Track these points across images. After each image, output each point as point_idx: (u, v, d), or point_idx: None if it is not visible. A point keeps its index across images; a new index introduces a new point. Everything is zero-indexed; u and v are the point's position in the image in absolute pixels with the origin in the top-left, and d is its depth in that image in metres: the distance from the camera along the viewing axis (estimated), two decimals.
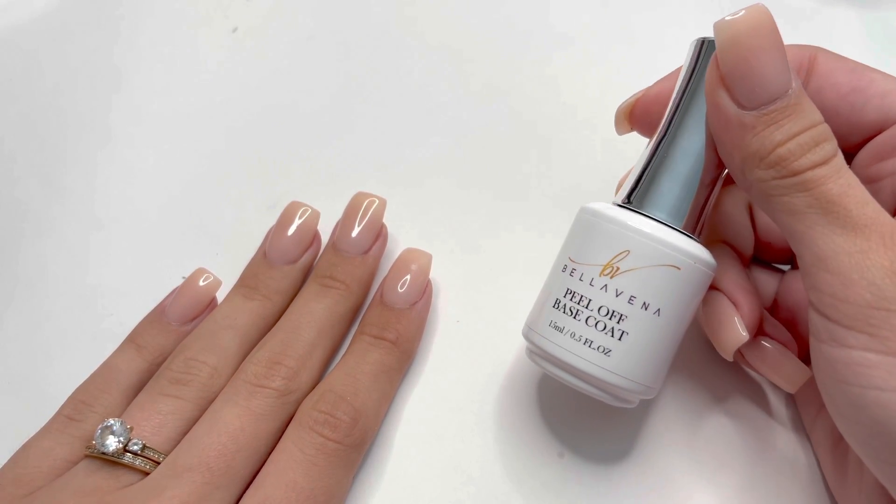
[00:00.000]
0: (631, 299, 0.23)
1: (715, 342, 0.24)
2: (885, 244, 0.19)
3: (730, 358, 0.24)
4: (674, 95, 0.24)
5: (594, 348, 0.23)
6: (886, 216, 0.20)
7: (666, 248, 0.22)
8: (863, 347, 0.19)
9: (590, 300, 0.23)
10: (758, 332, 0.25)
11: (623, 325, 0.23)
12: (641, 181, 0.24)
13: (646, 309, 0.23)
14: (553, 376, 0.25)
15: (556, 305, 0.23)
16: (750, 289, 0.24)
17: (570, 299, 0.23)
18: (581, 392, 0.25)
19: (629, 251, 0.22)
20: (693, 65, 0.23)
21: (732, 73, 0.20)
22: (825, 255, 0.19)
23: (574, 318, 0.23)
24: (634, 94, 0.26)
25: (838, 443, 0.25)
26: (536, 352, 0.25)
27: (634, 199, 0.24)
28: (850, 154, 0.25)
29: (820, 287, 0.20)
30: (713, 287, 0.24)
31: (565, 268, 0.24)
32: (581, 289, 0.23)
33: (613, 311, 0.23)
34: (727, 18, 0.20)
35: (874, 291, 0.19)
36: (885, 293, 0.18)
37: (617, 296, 0.23)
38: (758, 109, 0.20)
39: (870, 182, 0.24)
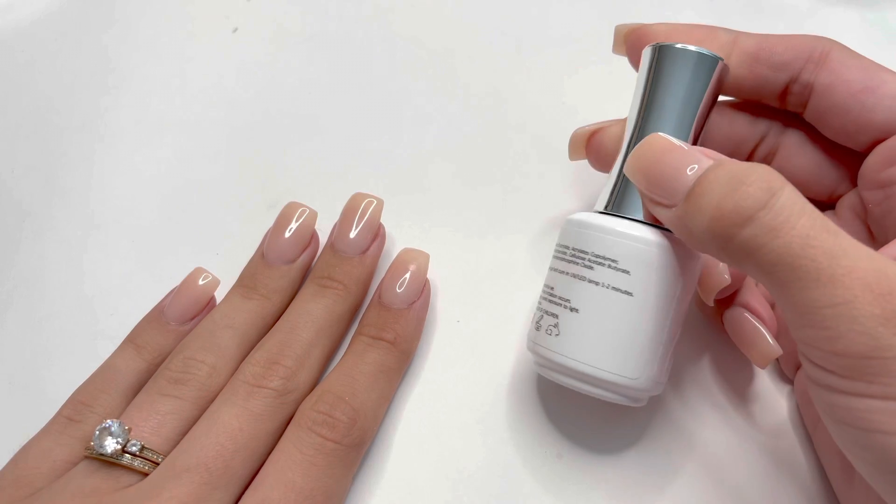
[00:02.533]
0: None
1: (751, 355, 0.26)
2: (873, 291, 0.18)
3: (764, 367, 0.26)
4: (633, 103, 0.25)
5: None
6: (865, 261, 0.18)
7: None
8: (862, 394, 0.18)
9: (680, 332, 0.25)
10: (741, 302, 0.26)
11: None
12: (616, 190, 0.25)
13: None
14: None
15: (665, 355, 0.24)
16: (763, 299, 0.26)
17: (673, 339, 0.24)
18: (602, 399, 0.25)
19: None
20: (648, 69, 0.24)
21: (650, 189, 0.22)
22: (805, 310, 0.18)
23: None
24: (592, 125, 0.27)
25: None
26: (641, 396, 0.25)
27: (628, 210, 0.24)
28: (861, 155, 0.25)
29: (808, 342, 0.19)
30: (740, 304, 0.26)
31: (668, 313, 0.24)
32: (680, 325, 0.24)
33: None
34: (629, 157, 0.22)
35: (867, 341, 0.18)
36: (880, 342, 0.17)
37: None
38: (680, 200, 0.21)
39: (881, 187, 0.23)
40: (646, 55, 0.24)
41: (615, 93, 0.30)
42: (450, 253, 0.31)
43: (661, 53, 0.24)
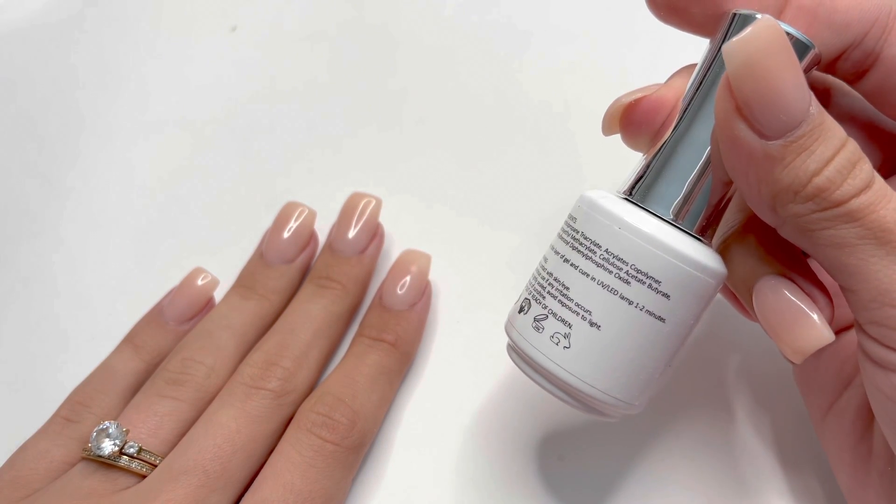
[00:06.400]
0: None
1: (786, 343, 0.20)
2: None
3: (800, 361, 0.21)
4: (695, 72, 0.21)
5: None
6: None
7: None
8: None
9: None
10: (782, 271, 0.21)
11: None
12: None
13: None
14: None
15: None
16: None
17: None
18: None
19: None
20: (723, 38, 0.20)
21: (752, 100, 0.18)
22: (888, 288, 0.18)
23: None
24: (636, 91, 0.23)
25: (859, 443, 0.23)
26: None
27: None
28: None
29: (884, 322, 0.18)
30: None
31: None
32: None
33: None
34: (738, 38, 0.17)
35: None
36: None
37: None
38: (784, 137, 0.18)
39: None
40: (723, 23, 0.20)
41: (621, 91, 0.30)
42: (450, 253, 0.31)
43: (742, 24, 0.19)
